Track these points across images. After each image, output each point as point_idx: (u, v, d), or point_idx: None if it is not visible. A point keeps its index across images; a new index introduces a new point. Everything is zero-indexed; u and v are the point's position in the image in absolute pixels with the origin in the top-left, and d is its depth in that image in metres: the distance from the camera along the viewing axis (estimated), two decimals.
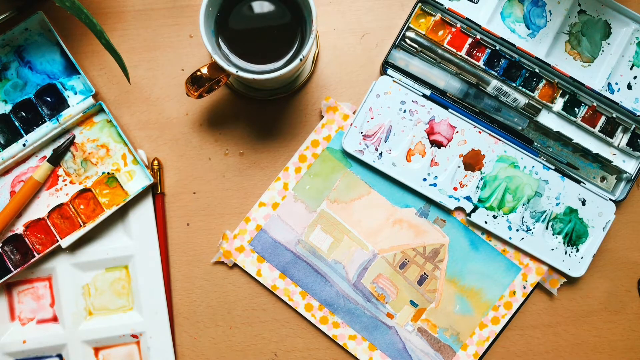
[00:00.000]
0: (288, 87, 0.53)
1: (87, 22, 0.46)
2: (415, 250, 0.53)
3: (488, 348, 0.53)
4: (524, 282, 0.53)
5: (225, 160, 0.54)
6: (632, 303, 0.54)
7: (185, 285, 0.53)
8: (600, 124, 0.53)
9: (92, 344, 0.52)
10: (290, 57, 0.48)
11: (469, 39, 0.53)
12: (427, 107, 0.53)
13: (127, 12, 0.54)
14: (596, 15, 0.53)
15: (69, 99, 0.52)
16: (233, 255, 0.53)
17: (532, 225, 0.53)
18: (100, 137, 0.53)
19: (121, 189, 0.52)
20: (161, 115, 0.54)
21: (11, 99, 0.52)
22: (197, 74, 0.46)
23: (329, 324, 0.53)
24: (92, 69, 0.54)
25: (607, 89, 0.52)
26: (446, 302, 0.53)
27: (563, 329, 0.54)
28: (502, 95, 0.52)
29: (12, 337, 0.52)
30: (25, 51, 0.52)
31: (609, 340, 0.54)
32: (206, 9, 0.45)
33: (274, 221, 0.53)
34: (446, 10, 0.52)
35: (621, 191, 0.53)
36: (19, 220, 0.52)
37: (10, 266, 0.51)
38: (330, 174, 0.53)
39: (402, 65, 0.53)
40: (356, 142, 0.53)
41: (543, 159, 0.53)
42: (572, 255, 0.53)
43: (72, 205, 0.52)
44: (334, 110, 0.53)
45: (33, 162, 0.52)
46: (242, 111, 0.54)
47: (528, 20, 0.53)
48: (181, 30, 0.54)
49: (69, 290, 0.52)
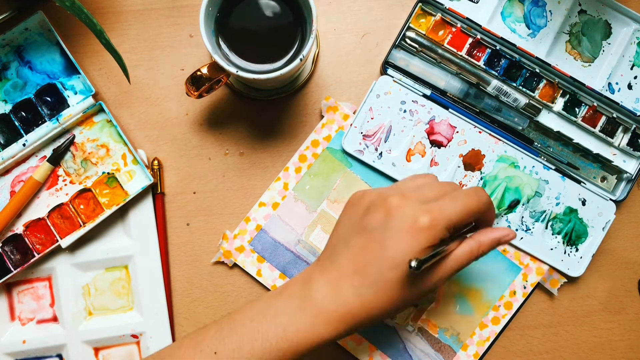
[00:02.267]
0: (288, 87, 0.53)
1: (87, 22, 0.46)
2: None
3: (488, 348, 0.53)
4: (524, 282, 0.53)
5: (225, 160, 0.54)
6: (632, 303, 0.54)
7: (185, 285, 0.53)
8: (601, 124, 0.53)
9: (92, 344, 0.52)
10: (290, 57, 0.48)
11: (470, 38, 0.53)
12: (427, 107, 0.53)
13: (127, 12, 0.54)
14: (597, 15, 0.53)
15: (69, 99, 0.52)
16: (233, 255, 0.53)
17: (532, 225, 0.53)
18: (100, 137, 0.53)
19: (121, 189, 0.52)
20: (161, 115, 0.54)
21: (11, 98, 0.52)
22: (197, 74, 0.46)
23: None
24: (92, 68, 0.54)
25: (608, 88, 0.52)
26: (446, 302, 0.53)
27: (563, 329, 0.54)
28: (503, 95, 0.52)
29: (12, 337, 0.52)
30: (25, 51, 0.52)
31: (609, 340, 0.54)
32: (206, 9, 0.44)
33: (274, 221, 0.53)
34: (446, 10, 0.52)
35: (621, 191, 0.53)
36: (19, 220, 0.52)
37: (10, 266, 0.51)
38: (331, 174, 0.53)
39: (402, 65, 0.53)
40: (356, 142, 0.53)
41: (543, 159, 0.53)
42: (572, 255, 0.53)
43: (72, 205, 0.52)
44: (334, 110, 0.53)
45: (33, 162, 0.52)
46: (242, 111, 0.54)
47: (528, 20, 0.53)
48: (181, 30, 0.54)
49: (69, 290, 0.52)
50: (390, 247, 0.38)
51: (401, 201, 0.39)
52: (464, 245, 0.40)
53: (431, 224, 0.38)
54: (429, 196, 0.40)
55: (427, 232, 0.38)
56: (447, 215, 0.38)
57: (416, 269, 0.36)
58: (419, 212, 0.38)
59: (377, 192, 0.41)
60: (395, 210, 0.39)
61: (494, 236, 0.41)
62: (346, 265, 0.39)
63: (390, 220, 0.38)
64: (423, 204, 0.39)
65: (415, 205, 0.38)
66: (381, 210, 0.39)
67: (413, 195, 0.40)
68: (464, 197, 0.39)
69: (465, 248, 0.40)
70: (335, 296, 0.39)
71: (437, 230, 0.38)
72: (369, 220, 0.40)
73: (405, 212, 0.38)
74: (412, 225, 0.38)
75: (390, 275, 0.38)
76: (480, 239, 0.41)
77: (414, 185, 0.42)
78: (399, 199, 0.39)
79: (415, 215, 0.38)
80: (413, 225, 0.38)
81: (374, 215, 0.39)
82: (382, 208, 0.39)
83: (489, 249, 0.41)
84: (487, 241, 0.41)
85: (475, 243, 0.40)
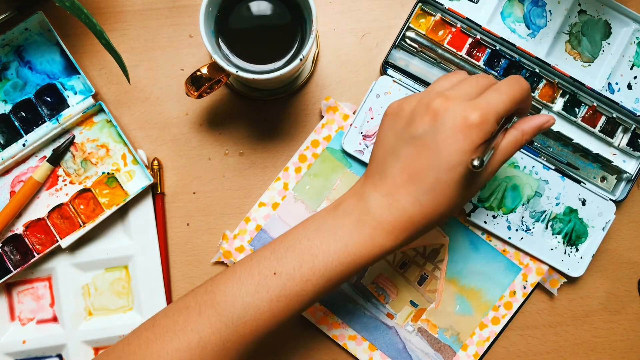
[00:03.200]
0: (288, 87, 0.53)
1: (87, 22, 0.46)
2: (415, 250, 0.53)
3: (488, 348, 0.53)
4: (524, 282, 0.53)
5: (225, 160, 0.54)
6: (632, 303, 0.54)
7: (185, 285, 0.53)
8: (601, 124, 0.53)
9: (92, 344, 0.52)
10: (290, 57, 0.48)
11: (469, 39, 0.53)
12: None
13: (127, 12, 0.54)
14: (596, 15, 0.53)
15: (69, 99, 0.52)
16: (233, 256, 0.53)
17: (532, 225, 0.53)
18: (100, 137, 0.53)
19: (121, 189, 0.52)
20: (161, 115, 0.54)
21: (11, 99, 0.52)
22: (197, 74, 0.46)
23: (329, 324, 0.53)
24: (92, 69, 0.54)
25: (608, 89, 0.52)
26: (446, 302, 0.53)
27: (563, 329, 0.54)
28: None
29: (12, 337, 0.52)
30: (25, 51, 0.52)
31: (609, 340, 0.54)
32: (206, 9, 0.45)
33: (274, 221, 0.53)
34: (446, 10, 0.52)
35: (621, 191, 0.53)
36: (19, 220, 0.52)
37: (10, 266, 0.51)
38: (330, 174, 0.53)
39: (402, 65, 0.53)
40: (356, 142, 0.53)
41: (543, 159, 0.53)
42: (572, 255, 0.53)
43: (72, 205, 0.52)
44: (334, 110, 0.53)
45: (33, 162, 0.52)
46: (242, 111, 0.54)
47: (528, 20, 0.53)
48: (181, 30, 0.54)
49: (69, 290, 0.52)
50: (445, 148, 0.38)
51: (446, 102, 0.38)
52: (509, 136, 0.40)
53: (482, 119, 0.37)
54: (470, 93, 0.39)
55: (479, 128, 0.37)
56: (494, 108, 0.38)
57: (479, 166, 0.36)
58: (468, 110, 0.38)
59: (417, 99, 0.40)
60: (442, 112, 0.38)
61: (535, 123, 0.41)
62: (399, 175, 0.39)
63: (438, 123, 0.38)
64: (468, 101, 0.38)
65: (462, 104, 0.38)
66: (427, 115, 0.39)
67: (455, 95, 0.39)
68: (507, 88, 0.39)
69: (510, 138, 0.40)
70: (394, 207, 0.39)
71: (489, 124, 0.38)
72: (415, 128, 0.39)
73: (454, 112, 0.38)
74: (463, 123, 0.37)
75: (448, 177, 0.38)
76: (523, 127, 0.41)
77: (450, 85, 0.41)
78: (443, 100, 0.39)
79: (465, 113, 0.37)
80: (465, 123, 0.37)
81: (421, 122, 0.39)
82: (428, 113, 0.39)
83: (531, 137, 0.41)
84: (530, 129, 0.41)
85: (518, 132, 0.40)
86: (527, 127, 0.41)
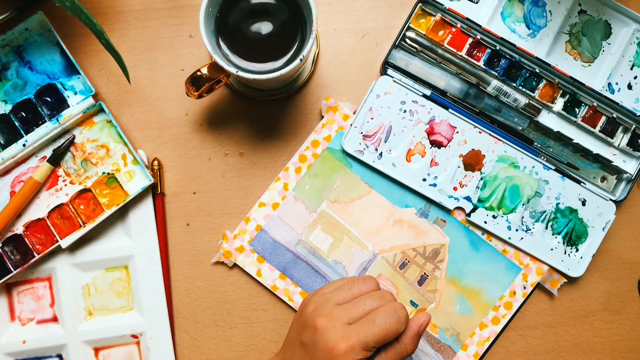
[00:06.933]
0: (288, 87, 0.53)
1: (87, 22, 0.46)
2: (415, 250, 0.53)
3: (488, 348, 0.53)
4: (524, 282, 0.53)
5: (225, 160, 0.54)
6: (632, 303, 0.54)
7: (185, 285, 0.53)
8: (601, 124, 0.53)
9: (92, 344, 0.52)
10: (290, 57, 0.48)
11: (469, 39, 0.53)
12: (427, 107, 0.53)
13: (127, 12, 0.54)
14: (596, 15, 0.53)
15: (69, 99, 0.52)
16: (233, 256, 0.53)
17: (532, 225, 0.53)
18: (100, 137, 0.53)
19: (121, 189, 0.52)
20: (161, 115, 0.54)
21: (11, 99, 0.52)
22: (197, 74, 0.46)
23: None
24: (92, 69, 0.54)
25: (608, 89, 0.52)
26: (446, 302, 0.53)
27: (563, 329, 0.54)
28: (503, 95, 0.52)
29: (12, 337, 0.52)
30: (25, 51, 0.52)
31: (609, 340, 0.54)
32: (206, 9, 0.44)
33: (274, 221, 0.53)
34: (446, 10, 0.52)
35: (621, 191, 0.53)
36: (19, 220, 0.52)
37: (10, 266, 0.51)
38: (330, 174, 0.53)
39: (402, 65, 0.53)
40: (356, 142, 0.53)
41: (543, 159, 0.53)
42: (572, 255, 0.53)
43: (72, 205, 0.52)
44: (334, 110, 0.53)
45: (33, 162, 0.52)
46: (242, 111, 0.54)
47: (528, 20, 0.53)
48: (181, 30, 0.54)
49: (69, 290, 0.52)
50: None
51: (327, 323, 0.43)
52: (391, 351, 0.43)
53: (346, 350, 0.41)
54: (354, 315, 0.43)
55: (345, 357, 0.41)
56: (364, 339, 0.42)
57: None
58: (338, 338, 0.42)
59: (314, 304, 0.45)
60: (321, 332, 0.42)
61: (413, 332, 0.44)
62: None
63: (316, 341, 0.42)
64: (345, 327, 0.42)
65: (338, 329, 0.42)
66: (311, 329, 0.43)
67: (339, 315, 0.43)
68: (382, 320, 0.42)
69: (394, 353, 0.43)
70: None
71: (355, 353, 0.41)
72: (304, 335, 0.44)
73: (328, 336, 0.42)
74: (329, 352, 0.42)
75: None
76: (402, 340, 0.44)
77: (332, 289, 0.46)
78: (326, 320, 0.43)
79: (335, 340, 0.42)
80: (331, 352, 0.42)
81: (306, 332, 0.43)
82: (312, 327, 0.43)
83: (415, 344, 0.44)
84: (409, 339, 0.44)
85: (400, 345, 0.44)
86: (407, 338, 0.44)
